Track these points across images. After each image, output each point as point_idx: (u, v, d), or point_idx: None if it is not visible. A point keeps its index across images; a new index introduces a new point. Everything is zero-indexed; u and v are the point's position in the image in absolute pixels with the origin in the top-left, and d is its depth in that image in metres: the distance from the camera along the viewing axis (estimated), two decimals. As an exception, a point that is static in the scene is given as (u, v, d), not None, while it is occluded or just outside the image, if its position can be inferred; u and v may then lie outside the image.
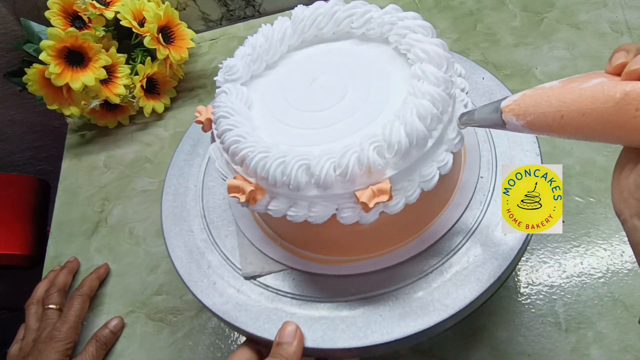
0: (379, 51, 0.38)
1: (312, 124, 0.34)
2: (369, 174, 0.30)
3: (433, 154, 0.32)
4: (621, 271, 0.44)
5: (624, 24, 0.60)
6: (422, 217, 0.37)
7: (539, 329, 0.43)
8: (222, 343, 0.49)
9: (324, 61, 0.39)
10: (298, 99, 0.36)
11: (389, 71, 0.36)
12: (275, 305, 0.37)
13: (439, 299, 0.34)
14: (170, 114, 0.70)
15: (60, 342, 0.48)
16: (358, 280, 0.36)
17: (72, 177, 0.67)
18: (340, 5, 0.39)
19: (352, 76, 0.37)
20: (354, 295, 0.36)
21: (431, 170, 0.31)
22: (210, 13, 0.77)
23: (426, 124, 0.30)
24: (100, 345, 0.49)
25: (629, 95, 0.21)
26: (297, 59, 0.40)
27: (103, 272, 0.56)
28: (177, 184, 0.46)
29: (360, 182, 0.30)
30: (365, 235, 0.35)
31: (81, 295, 0.52)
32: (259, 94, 0.38)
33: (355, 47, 0.39)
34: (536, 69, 0.59)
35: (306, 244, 0.38)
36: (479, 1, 0.68)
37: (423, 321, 0.33)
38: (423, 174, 0.31)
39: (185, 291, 0.41)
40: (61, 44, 0.57)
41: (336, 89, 0.36)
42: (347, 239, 0.36)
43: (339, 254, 0.37)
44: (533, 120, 0.26)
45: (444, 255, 0.36)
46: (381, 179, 0.30)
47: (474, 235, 0.36)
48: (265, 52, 0.39)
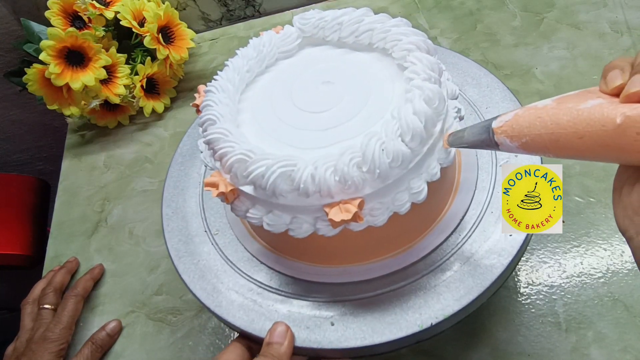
0: (371, 57, 0.38)
1: (299, 131, 0.34)
2: (345, 189, 0.29)
3: (421, 166, 0.31)
4: (621, 271, 0.44)
5: (624, 24, 0.60)
6: (418, 223, 0.37)
7: (539, 329, 0.43)
8: (222, 343, 0.49)
9: (316, 68, 0.39)
10: (283, 108, 0.36)
11: (383, 80, 0.36)
12: (287, 309, 0.37)
13: (438, 299, 0.34)
14: (170, 114, 0.70)
15: (53, 342, 0.47)
16: (354, 284, 0.36)
17: (72, 177, 0.67)
18: (336, 12, 0.39)
19: (345, 84, 0.36)
20: (353, 295, 0.36)
21: (420, 184, 0.31)
22: (210, 13, 0.77)
23: (411, 148, 0.30)
24: (96, 347, 0.49)
25: (630, 119, 0.21)
26: (288, 65, 0.40)
27: (97, 273, 0.56)
28: (175, 194, 0.46)
29: (338, 195, 0.30)
30: (364, 242, 0.35)
31: (75, 296, 0.52)
32: (249, 102, 0.38)
33: (347, 55, 0.39)
34: (536, 69, 0.59)
35: (297, 253, 0.38)
36: (479, 1, 0.68)
37: (421, 321, 0.33)
38: (412, 187, 0.31)
39: (185, 291, 0.41)
40: (61, 44, 0.57)
41: (329, 97, 0.36)
42: (341, 246, 0.35)
43: (333, 262, 0.37)
44: (528, 142, 0.25)
45: (445, 254, 0.36)
46: (357, 195, 0.30)
47: (474, 234, 0.36)
48: (257, 61, 0.39)
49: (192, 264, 0.40)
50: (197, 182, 0.46)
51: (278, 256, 0.39)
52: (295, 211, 0.31)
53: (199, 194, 0.45)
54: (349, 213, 0.29)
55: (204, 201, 0.44)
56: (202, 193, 0.45)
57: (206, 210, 0.44)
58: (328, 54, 0.39)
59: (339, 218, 0.29)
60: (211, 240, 0.42)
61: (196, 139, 0.49)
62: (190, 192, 0.45)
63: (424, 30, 0.45)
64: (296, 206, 0.31)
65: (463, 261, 0.35)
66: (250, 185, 0.31)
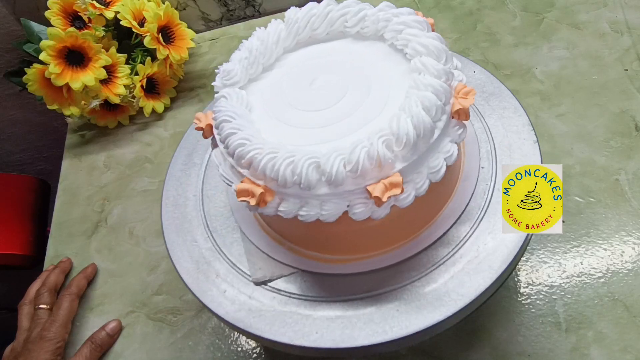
0: (375, 48, 0.38)
1: (315, 123, 0.34)
2: (379, 168, 0.30)
3: (438, 145, 0.32)
4: (621, 271, 0.44)
5: (624, 24, 0.60)
6: (429, 209, 0.37)
7: (539, 329, 0.43)
8: (222, 343, 0.49)
9: (321, 61, 0.39)
10: (298, 99, 0.36)
11: (387, 67, 0.36)
12: (289, 309, 0.36)
13: (453, 288, 0.34)
14: (170, 114, 0.70)
15: (50, 341, 0.48)
16: (369, 277, 0.36)
17: (72, 177, 0.67)
18: (334, 5, 0.39)
19: (350, 74, 0.37)
20: (367, 292, 0.36)
21: (438, 162, 0.31)
22: (210, 13, 0.77)
23: (431, 116, 0.30)
24: (95, 347, 0.49)
25: None
26: (294, 60, 0.40)
27: (91, 272, 0.56)
28: (176, 195, 0.45)
29: (371, 176, 0.30)
30: (374, 232, 0.35)
31: (70, 295, 0.52)
32: (259, 97, 0.38)
33: (351, 45, 0.39)
34: (536, 69, 0.59)
35: (314, 244, 0.38)
36: (479, 1, 0.68)
37: (440, 312, 0.33)
38: (431, 166, 0.31)
39: (185, 291, 0.41)
40: (61, 44, 0.57)
41: (336, 88, 0.36)
42: (356, 236, 0.35)
43: (349, 252, 0.37)
44: None
45: (454, 246, 0.36)
46: (391, 173, 0.30)
47: (482, 224, 0.36)
48: (262, 54, 0.38)
49: (192, 264, 0.40)
50: (197, 182, 0.46)
51: (292, 254, 0.39)
52: (330, 197, 0.31)
53: (199, 193, 0.45)
54: (397, 187, 0.29)
55: (204, 201, 0.44)
56: (202, 193, 0.45)
57: (206, 210, 0.44)
58: (331, 46, 0.40)
59: (385, 196, 0.29)
60: (211, 240, 0.42)
61: (196, 138, 0.49)
62: (191, 192, 0.45)
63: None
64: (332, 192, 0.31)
65: (462, 261, 0.35)
66: (286, 184, 0.31)
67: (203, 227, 0.43)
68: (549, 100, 0.56)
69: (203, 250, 0.41)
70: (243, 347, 0.49)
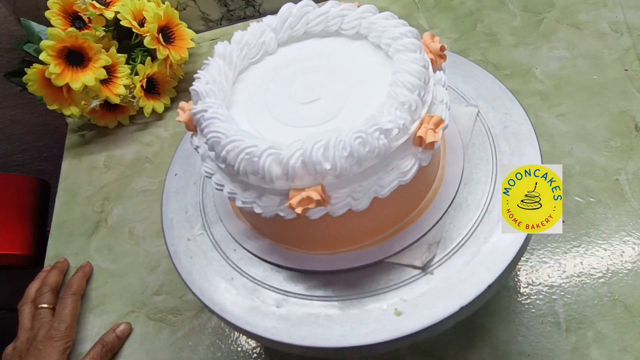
0: (357, 46, 0.38)
1: (286, 119, 0.34)
2: (311, 176, 0.30)
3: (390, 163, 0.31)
4: (621, 271, 0.44)
5: (624, 24, 0.60)
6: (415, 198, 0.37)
7: (539, 329, 0.43)
8: (222, 343, 0.49)
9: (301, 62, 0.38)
10: (277, 104, 0.36)
11: (369, 66, 0.36)
12: (289, 308, 0.36)
13: (453, 288, 0.34)
14: (170, 114, 0.70)
15: (60, 341, 0.48)
16: (369, 276, 0.36)
17: (72, 177, 0.67)
18: (312, 7, 0.38)
19: (330, 73, 0.36)
20: (367, 291, 0.35)
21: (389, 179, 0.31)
22: (210, 13, 0.77)
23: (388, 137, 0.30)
24: (106, 351, 0.49)
25: None
26: (272, 61, 0.40)
27: (88, 270, 0.56)
28: (176, 194, 0.45)
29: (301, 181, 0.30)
30: (362, 222, 0.35)
31: (73, 294, 0.52)
32: (238, 97, 0.38)
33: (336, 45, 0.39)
34: (536, 69, 0.59)
35: (294, 240, 0.38)
36: (479, 1, 0.68)
37: (440, 312, 0.33)
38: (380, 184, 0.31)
39: (185, 291, 0.41)
40: (61, 44, 0.57)
41: (314, 87, 0.36)
42: (348, 227, 0.35)
43: (342, 245, 0.37)
44: None
45: (454, 246, 0.36)
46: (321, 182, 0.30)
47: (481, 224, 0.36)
48: (239, 59, 0.38)
49: (192, 264, 0.40)
50: (197, 181, 0.46)
51: (279, 253, 0.39)
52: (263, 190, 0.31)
53: (199, 193, 0.45)
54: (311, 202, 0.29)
55: (204, 201, 0.44)
56: (202, 193, 0.45)
57: (206, 210, 0.44)
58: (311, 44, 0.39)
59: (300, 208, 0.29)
60: (211, 240, 0.42)
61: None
62: (190, 192, 0.45)
63: (424, 30, 0.45)
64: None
65: (462, 261, 0.35)
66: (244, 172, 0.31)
67: (203, 226, 0.43)
68: (549, 100, 0.56)
69: (203, 250, 0.41)
70: (243, 347, 0.49)
